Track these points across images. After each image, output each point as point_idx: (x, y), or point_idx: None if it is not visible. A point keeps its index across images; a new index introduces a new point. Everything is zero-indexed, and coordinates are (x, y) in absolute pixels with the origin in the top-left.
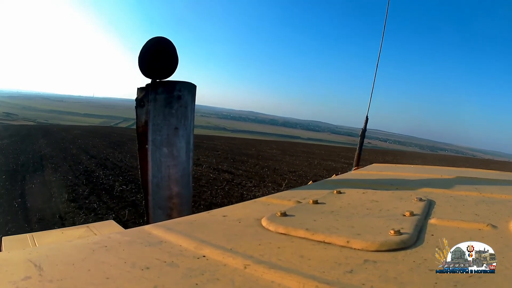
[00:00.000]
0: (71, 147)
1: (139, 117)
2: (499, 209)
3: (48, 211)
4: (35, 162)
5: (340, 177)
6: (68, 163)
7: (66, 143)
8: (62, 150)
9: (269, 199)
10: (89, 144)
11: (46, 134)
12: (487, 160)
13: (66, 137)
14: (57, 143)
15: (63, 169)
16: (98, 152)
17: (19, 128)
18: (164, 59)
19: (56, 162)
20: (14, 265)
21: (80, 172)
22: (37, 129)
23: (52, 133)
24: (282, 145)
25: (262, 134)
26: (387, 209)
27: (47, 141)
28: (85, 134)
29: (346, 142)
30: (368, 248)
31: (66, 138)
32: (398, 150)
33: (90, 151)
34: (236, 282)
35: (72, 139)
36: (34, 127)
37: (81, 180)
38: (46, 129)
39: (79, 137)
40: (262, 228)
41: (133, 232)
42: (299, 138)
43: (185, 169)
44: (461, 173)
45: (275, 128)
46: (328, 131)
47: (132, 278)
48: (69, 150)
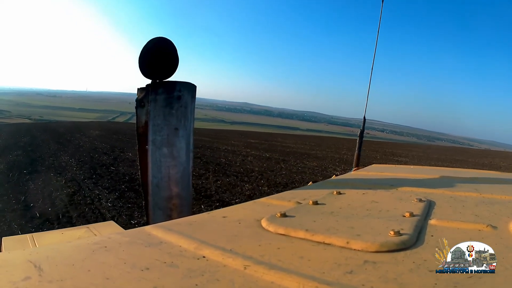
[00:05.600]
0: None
1: (139, 117)
2: (499, 210)
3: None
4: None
5: (340, 178)
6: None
7: (109, 159)
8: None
9: (269, 200)
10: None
11: (53, 135)
12: (486, 151)
13: (92, 144)
14: (95, 159)
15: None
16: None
17: (18, 128)
18: (165, 60)
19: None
20: (14, 265)
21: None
22: (40, 129)
23: (63, 135)
24: (301, 139)
25: (266, 127)
26: (387, 210)
27: (71, 152)
28: (108, 135)
29: (352, 134)
30: (368, 249)
31: (96, 146)
32: (401, 141)
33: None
34: (236, 282)
35: (104, 148)
36: (36, 127)
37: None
38: (51, 129)
39: (104, 140)
40: (262, 229)
41: (133, 233)
42: (298, 130)
43: (185, 169)
44: (461, 173)
45: (272, 119)
46: (325, 122)
47: (132, 279)
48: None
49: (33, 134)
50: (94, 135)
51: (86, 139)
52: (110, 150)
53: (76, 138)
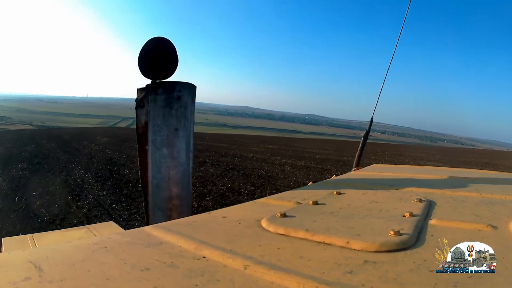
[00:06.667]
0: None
1: (139, 118)
2: (499, 210)
3: None
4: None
5: (340, 178)
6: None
7: (132, 173)
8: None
9: (268, 200)
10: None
11: (59, 142)
12: (488, 151)
13: (104, 153)
14: (115, 175)
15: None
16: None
17: (20, 135)
18: (164, 59)
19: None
20: (14, 266)
21: None
22: (44, 137)
23: (70, 143)
24: (317, 143)
25: (271, 130)
26: (387, 210)
27: (84, 164)
28: (118, 143)
29: (356, 136)
30: (368, 248)
31: (110, 156)
32: (403, 143)
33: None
34: (236, 283)
35: (120, 158)
36: (39, 134)
37: None
38: (55, 136)
39: (117, 149)
40: (262, 229)
41: (133, 233)
42: (300, 133)
43: (185, 170)
44: (461, 173)
45: (275, 123)
46: (326, 125)
47: (132, 279)
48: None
49: (37, 141)
50: (102, 142)
51: (96, 147)
52: (128, 160)
53: (84, 146)
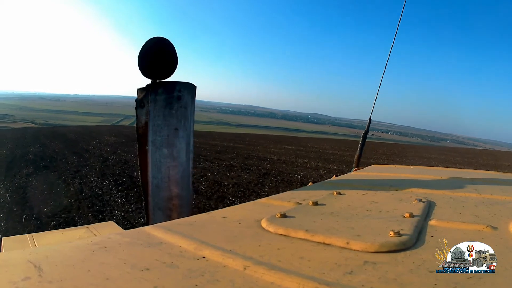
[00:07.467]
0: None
1: (139, 118)
2: (498, 210)
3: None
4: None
5: (339, 178)
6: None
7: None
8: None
9: (269, 200)
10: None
11: (65, 142)
12: (489, 151)
13: (118, 155)
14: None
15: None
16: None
17: (23, 133)
18: (164, 59)
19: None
20: (13, 265)
21: None
22: (49, 135)
23: (77, 143)
24: (332, 143)
25: (275, 129)
26: (386, 210)
27: (98, 169)
28: (128, 143)
29: (358, 135)
30: (367, 249)
31: (125, 158)
32: (406, 143)
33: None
34: (236, 283)
35: (137, 162)
36: (43, 133)
37: None
38: (60, 135)
39: (128, 150)
40: (262, 229)
41: (132, 233)
42: (303, 132)
43: (185, 170)
44: (461, 174)
45: (277, 121)
46: (329, 124)
47: (132, 279)
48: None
49: (41, 141)
50: (111, 142)
51: (105, 147)
52: None
53: (93, 146)
